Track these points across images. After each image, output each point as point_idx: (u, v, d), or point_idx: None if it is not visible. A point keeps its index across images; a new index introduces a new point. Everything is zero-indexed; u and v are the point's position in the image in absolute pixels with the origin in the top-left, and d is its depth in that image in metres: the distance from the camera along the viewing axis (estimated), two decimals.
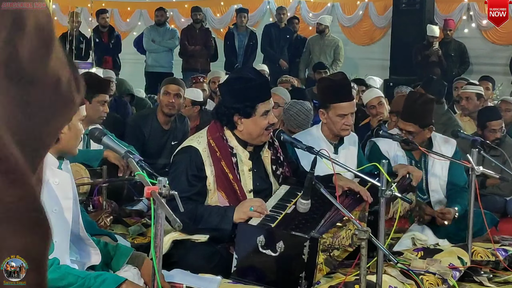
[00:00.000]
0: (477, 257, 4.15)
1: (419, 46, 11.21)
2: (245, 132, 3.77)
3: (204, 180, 3.69)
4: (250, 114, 3.73)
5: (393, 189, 3.24)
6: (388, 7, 12.73)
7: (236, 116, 3.74)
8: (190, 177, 3.67)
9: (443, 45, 11.13)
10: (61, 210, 2.89)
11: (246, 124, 3.75)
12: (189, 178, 3.67)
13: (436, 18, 12.19)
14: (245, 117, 3.73)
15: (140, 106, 8.15)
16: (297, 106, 5.45)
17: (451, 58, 11.16)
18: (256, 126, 3.74)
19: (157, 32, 11.90)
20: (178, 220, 2.47)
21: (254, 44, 11.82)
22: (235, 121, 3.75)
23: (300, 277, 3.19)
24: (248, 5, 13.20)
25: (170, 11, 13.98)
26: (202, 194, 3.71)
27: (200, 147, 3.72)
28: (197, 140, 3.79)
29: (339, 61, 11.68)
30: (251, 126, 3.75)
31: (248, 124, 3.75)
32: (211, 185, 3.70)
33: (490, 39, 12.08)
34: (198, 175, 3.68)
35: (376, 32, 13.34)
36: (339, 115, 4.41)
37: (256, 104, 3.72)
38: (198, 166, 3.68)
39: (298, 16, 13.18)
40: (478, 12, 12.12)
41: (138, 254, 3.17)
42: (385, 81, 11.34)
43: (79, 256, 3.04)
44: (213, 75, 8.93)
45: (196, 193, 3.68)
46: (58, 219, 2.87)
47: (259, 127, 3.74)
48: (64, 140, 2.84)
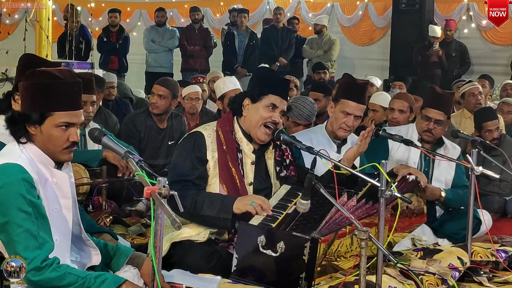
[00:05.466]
0: (476, 257, 4.15)
1: (419, 47, 11.21)
2: (247, 118, 3.82)
3: (206, 164, 3.74)
4: (257, 99, 3.78)
5: (393, 189, 3.24)
6: (388, 7, 12.74)
7: (247, 99, 3.82)
8: (194, 159, 3.72)
9: (444, 45, 11.13)
10: (61, 209, 2.89)
11: (251, 110, 3.80)
12: (193, 160, 3.72)
13: (435, 18, 12.20)
14: (252, 102, 3.79)
15: (140, 107, 8.14)
16: (301, 99, 5.49)
17: (452, 58, 11.17)
18: (257, 114, 3.77)
19: (157, 32, 11.91)
20: (177, 221, 2.47)
21: (254, 44, 11.83)
22: (244, 105, 3.82)
23: (300, 278, 3.19)
24: (248, 6, 13.21)
25: (170, 11, 14.01)
26: (204, 178, 3.75)
27: (205, 133, 3.80)
28: (203, 127, 3.88)
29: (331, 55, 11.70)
30: (253, 112, 3.79)
31: (251, 111, 3.80)
32: (210, 170, 3.74)
33: (489, 39, 12.09)
34: (201, 158, 3.74)
35: (376, 32, 13.34)
36: (343, 112, 4.46)
37: (267, 93, 3.77)
38: (201, 149, 3.75)
39: (297, 17, 13.19)
40: (477, 12, 12.13)
41: (138, 255, 3.16)
42: (385, 81, 11.34)
43: (79, 256, 3.04)
44: (213, 75, 8.93)
45: (198, 176, 3.72)
46: (58, 217, 2.88)
47: (259, 116, 3.76)
48: (37, 142, 2.84)
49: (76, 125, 2.86)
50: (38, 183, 2.80)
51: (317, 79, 10.11)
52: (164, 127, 6.13)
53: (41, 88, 2.80)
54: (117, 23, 11.85)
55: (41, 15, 8.48)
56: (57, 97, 2.80)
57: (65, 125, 2.82)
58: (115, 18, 11.83)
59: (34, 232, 2.71)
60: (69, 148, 2.87)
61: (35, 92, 2.81)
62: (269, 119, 3.77)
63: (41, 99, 2.80)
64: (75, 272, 2.80)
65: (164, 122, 6.12)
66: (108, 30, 11.86)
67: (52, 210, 2.85)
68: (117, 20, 11.88)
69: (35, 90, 2.81)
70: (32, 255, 2.69)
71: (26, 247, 2.69)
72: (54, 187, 2.87)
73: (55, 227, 2.84)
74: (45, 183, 2.84)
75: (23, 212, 2.70)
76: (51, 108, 2.80)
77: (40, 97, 2.80)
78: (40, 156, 2.84)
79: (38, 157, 2.83)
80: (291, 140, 3.75)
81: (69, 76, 2.84)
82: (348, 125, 4.48)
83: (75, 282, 2.75)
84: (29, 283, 2.71)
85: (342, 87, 4.67)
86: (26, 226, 2.70)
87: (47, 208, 2.82)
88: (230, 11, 12.72)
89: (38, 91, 2.81)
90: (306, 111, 5.34)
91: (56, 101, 2.80)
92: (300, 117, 5.34)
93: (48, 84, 2.80)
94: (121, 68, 11.63)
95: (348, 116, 4.46)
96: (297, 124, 5.36)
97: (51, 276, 2.72)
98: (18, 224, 2.70)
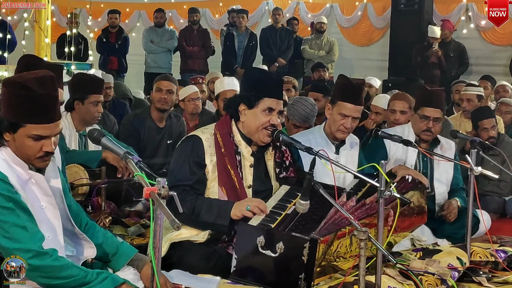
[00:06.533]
0: (476, 257, 4.15)
1: (418, 47, 11.22)
2: (245, 124, 3.80)
3: (204, 168, 3.73)
4: (253, 105, 3.75)
5: (392, 189, 3.24)
6: (387, 7, 12.75)
7: (242, 105, 3.78)
8: (192, 164, 3.71)
9: (443, 46, 11.14)
10: (48, 206, 2.89)
11: (248, 116, 3.78)
12: (191, 165, 3.71)
13: (434, 18, 12.20)
14: (248, 107, 3.76)
15: (139, 107, 8.15)
16: (301, 101, 5.48)
17: (451, 58, 11.17)
18: (256, 120, 3.75)
19: (156, 33, 11.92)
20: (177, 221, 2.47)
21: (254, 45, 11.84)
22: (240, 110, 3.79)
23: (300, 278, 3.19)
24: (247, 6, 13.22)
25: (169, 12, 14.01)
26: (203, 182, 3.74)
27: (203, 137, 3.78)
28: (201, 131, 3.86)
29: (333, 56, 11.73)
30: (251, 118, 3.77)
31: (249, 116, 3.77)
32: (209, 174, 3.74)
33: (488, 39, 12.10)
34: (199, 162, 3.72)
35: (375, 33, 13.35)
36: (340, 114, 4.46)
37: (262, 97, 3.74)
38: (199, 153, 3.73)
39: (297, 17, 13.19)
40: (476, 13, 12.13)
41: (140, 257, 3.15)
42: (384, 82, 11.34)
43: (75, 250, 3.04)
44: (212, 75, 8.93)
45: (197, 181, 3.71)
46: (47, 214, 2.87)
47: (258, 121, 3.74)
48: (11, 147, 2.83)
49: (50, 137, 2.81)
50: (17, 182, 2.79)
51: (317, 78, 10.11)
52: (163, 126, 6.15)
53: (14, 98, 2.76)
54: (117, 24, 11.86)
55: (40, 16, 8.47)
56: (28, 110, 2.75)
57: (37, 137, 2.78)
58: (115, 19, 11.84)
59: (21, 224, 2.71)
60: (43, 157, 2.84)
61: (9, 101, 2.78)
62: (268, 123, 3.76)
63: (14, 109, 2.77)
64: (76, 265, 2.81)
65: (163, 121, 6.14)
66: (107, 31, 11.88)
67: (39, 208, 2.85)
68: (117, 21, 11.89)
69: (9, 99, 2.77)
70: (27, 245, 2.68)
71: (18, 240, 2.69)
72: (35, 186, 2.87)
73: (45, 225, 2.83)
74: (26, 183, 2.85)
75: (3, 208, 2.70)
76: (22, 120, 2.76)
77: (14, 107, 2.77)
78: (15, 160, 2.84)
79: (13, 160, 2.83)
80: (290, 140, 3.74)
81: (47, 87, 2.78)
82: (346, 127, 4.49)
83: (77, 275, 2.75)
84: (31, 269, 2.70)
85: (338, 88, 4.65)
86: (11, 220, 2.70)
87: (34, 207, 2.82)
88: (229, 12, 12.72)
89: (11, 101, 2.77)
90: (306, 113, 5.34)
91: (28, 114, 2.76)
92: (300, 119, 5.34)
93: (22, 95, 2.74)
94: (120, 68, 11.64)
95: (345, 118, 4.46)
96: (297, 126, 5.35)
97: (53, 264, 2.72)
98: (3, 221, 2.70)
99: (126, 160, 2.82)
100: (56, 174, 3.02)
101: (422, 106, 4.93)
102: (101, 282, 2.77)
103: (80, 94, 5.19)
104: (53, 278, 2.74)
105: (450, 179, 5.01)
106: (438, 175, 4.96)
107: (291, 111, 5.45)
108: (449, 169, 5.01)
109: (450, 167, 5.01)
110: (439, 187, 4.96)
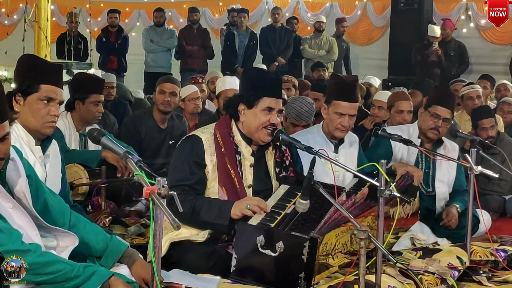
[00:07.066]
0: (476, 256, 4.15)
1: (418, 46, 11.21)
2: (245, 124, 3.80)
3: (204, 168, 3.73)
4: (252, 104, 3.75)
5: (392, 189, 3.24)
6: (387, 7, 12.75)
7: (242, 105, 3.78)
8: (192, 164, 3.71)
9: (443, 45, 11.13)
10: (15, 205, 2.81)
11: (248, 115, 3.78)
12: (191, 165, 3.70)
13: (434, 17, 12.21)
14: (247, 107, 3.76)
15: (139, 107, 8.13)
16: (299, 99, 5.48)
17: (451, 57, 11.16)
18: (255, 120, 3.75)
19: (156, 33, 11.92)
20: (177, 221, 2.46)
21: (254, 44, 11.83)
22: (240, 110, 3.79)
23: (300, 278, 3.19)
24: (247, 6, 13.21)
25: (169, 11, 14.01)
26: (203, 182, 3.74)
27: (203, 137, 3.77)
28: (201, 131, 3.86)
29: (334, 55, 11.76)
30: (251, 118, 3.77)
31: (249, 116, 3.77)
32: (209, 174, 3.73)
33: (488, 38, 12.10)
34: (199, 162, 3.72)
35: (375, 32, 13.35)
36: (336, 113, 4.45)
37: (261, 97, 3.74)
38: (199, 153, 3.73)
39: (296, 16, 13.19)
40: (476, 12, 12.14)
41: (130, 253, 3.04)
42: (384, 81, 11.34)
43: (56, 241, 2.94)
44: (212, 75, 8.93)
45: (197, 181, 3.71)
46: (16, 214, 2.80)
47: (258, 121, 3.74)
48: None
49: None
50: None
51: (317, 77, 10.10)
52: (165, 127, 6.15)
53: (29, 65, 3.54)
54: (116, 23, 11.86)
55: (40, 16, 8.48)
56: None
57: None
58: (115, 19, 11.83)
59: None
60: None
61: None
62: (268, 122, 3.76)
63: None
64: (62, 260, 2.74)
65: (165, 122, 6.14)
66: (107, 30, 11.86)
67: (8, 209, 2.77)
68: (117, 20, 11.89)
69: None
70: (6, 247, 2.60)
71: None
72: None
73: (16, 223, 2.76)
74: None
75: None
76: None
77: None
78: None
79: None
80: (290, 140, 3.74)
81: None
82: (344, 125, 4.47)
83: (63, 269, 2.68)
84: None
85: (332, 88, 4.63)
86: None
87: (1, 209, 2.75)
88: (229, 11, 12.71)
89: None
90: (303, 111, 5.34)
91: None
92: (298, 118, 5.33)
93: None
94: (120, 68, 11.62)
95: (342, 116, 4.45)
96: (296, 125, 5.35)
97: (38, 261, 2.64)
98: None
99: (126, 159, 2.81)
100: (18, 174, 2.91)
101: (435, 104, 4.90)
102: (89, 277, 2.71)
103: (80, 93, 5.19)
104: (40, 275, 2.66)
105: (452, 180, 5.00)
106: (439, 175, 4.95)
107: (288, 110, 5.45)
108: (452, 170, 4.99)
109: (453, 168, 4.99)
110: (440, 187, 4.95)
